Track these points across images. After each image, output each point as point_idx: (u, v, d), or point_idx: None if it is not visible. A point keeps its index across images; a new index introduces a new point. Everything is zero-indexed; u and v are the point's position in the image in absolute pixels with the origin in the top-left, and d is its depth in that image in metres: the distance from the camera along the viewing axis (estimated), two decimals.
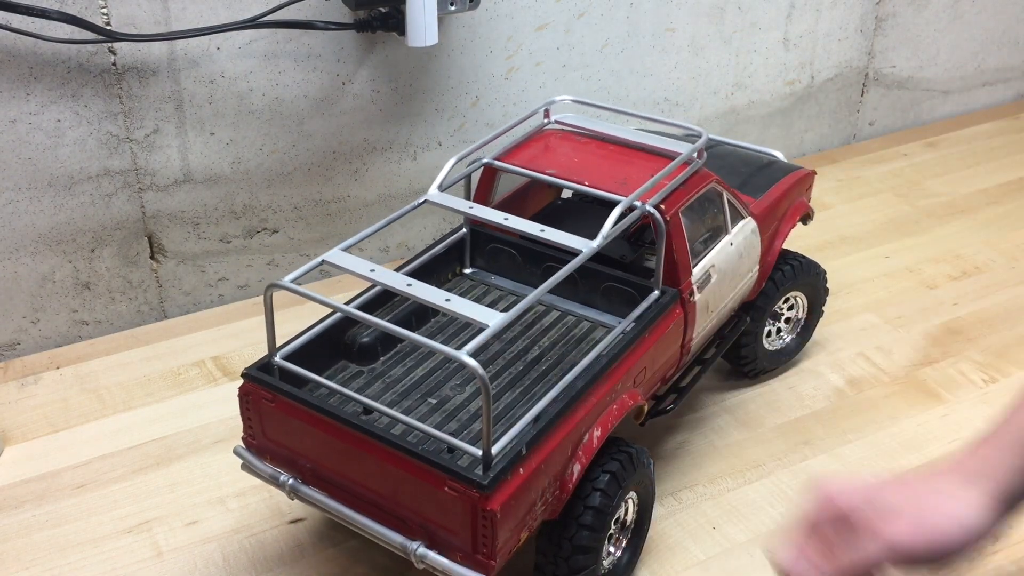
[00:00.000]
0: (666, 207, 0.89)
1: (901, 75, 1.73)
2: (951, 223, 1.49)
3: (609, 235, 0.83)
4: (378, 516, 0.78)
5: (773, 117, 1.63)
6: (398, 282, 0.78)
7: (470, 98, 1.34)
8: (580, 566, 0.80)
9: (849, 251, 1.42)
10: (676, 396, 0.98)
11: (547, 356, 0.91)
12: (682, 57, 1.48)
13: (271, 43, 1.18)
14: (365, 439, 0.76)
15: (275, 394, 0.80)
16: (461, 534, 0.73)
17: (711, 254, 0.97)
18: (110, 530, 0.96)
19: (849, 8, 1.60)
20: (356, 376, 0.89)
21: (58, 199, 1.15)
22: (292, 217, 1.30)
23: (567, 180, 0.92)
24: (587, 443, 0.80)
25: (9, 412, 1.11)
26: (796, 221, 1.12)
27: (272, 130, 1.23)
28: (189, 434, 1.08)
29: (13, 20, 1.03)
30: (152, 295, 1.26)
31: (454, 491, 0.72)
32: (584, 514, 0.80)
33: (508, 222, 0.86)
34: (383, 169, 1.33)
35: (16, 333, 1.20)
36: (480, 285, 1.01)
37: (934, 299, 1.31)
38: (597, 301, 0.96)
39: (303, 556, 0.93)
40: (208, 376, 1.17)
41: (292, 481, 0.82)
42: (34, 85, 1.08)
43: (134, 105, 1.14)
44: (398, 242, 1.40)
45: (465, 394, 0.86)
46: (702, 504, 0.99)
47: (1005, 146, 1.72)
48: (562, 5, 1.34)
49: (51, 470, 1.03)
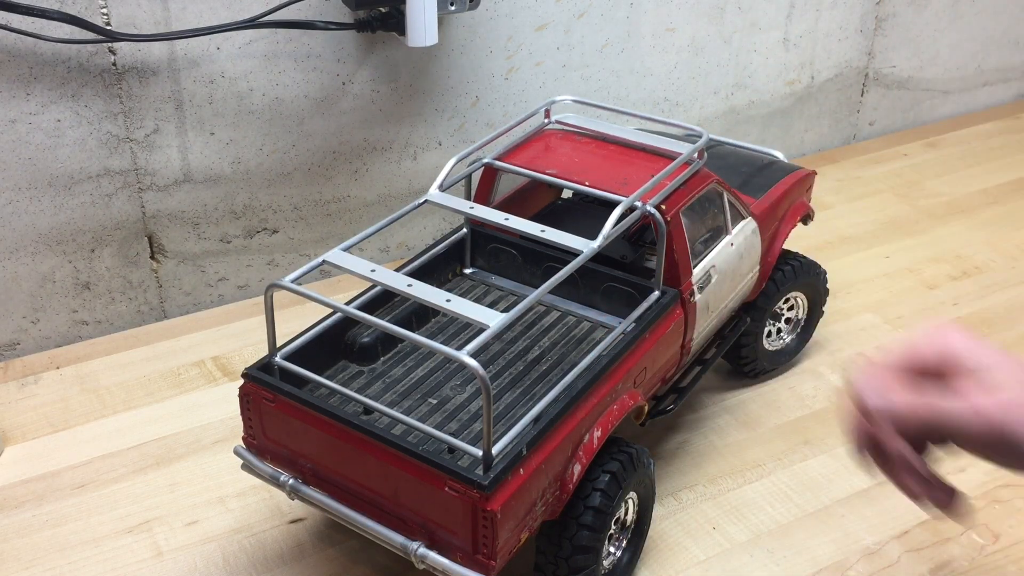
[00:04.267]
0: (667, 207, 0.89)
1: (901, 75, 1.73)
2: (951, 223, 1.49)
3: (610, 235, 0.83)
4: (378, 516, 0.78)
5: (773, 117, 1.63)
6: (399, 282, 0.78)
7: (470, 98, 1.34)
8: (580, 566, 0.80)
9: (849, 251, 1.42)
10: (676, 396, 0.98)
11: (547, 356, 0.91)
12: (682, 57, 1.48)
13: (271, 43, 1.18)
14: (365, 439, 0.76)
15: (276, 394, 0.80)
16: (461, 534, 0.73)
17: (712, 254, 0.97)
18: (110, 530, 0.96)
19: (849, 8, 1.60)
20: (356, 376, 0.89)
21: (58, 199, 1.15)
22: (292, 217, 1.30)
23: (568, 180, 0.92)
24: (587, 443, 0.80)
25: (9, 412, 1.11)
26: (796, 221, 1.12)
27: (272, 130, 1.23)
28: (189, 434, 1.08)
29: (13, 20, 1.03)
30: (152, 295, 1.26)
31: (455, 491, 0.72)
32: (584, 514, 0.80)
33: (509, 222, 0.86)
34: (383, 169, 1.33)
35: (16, 333, 1.20)
36: (480, 285, 1.01)
37: (934, 299, 1.31)
38: (597, 301, 0.96)
39: (303, 556, 0.93)
40: (208, 376, 1.17)
41: (292, 481, 0.82)
42: (34, 85, 1.08)
43: (134, 105, 1.14)
44: (398, 242, 1.40)
45: (465, 394, 0.86)
46: (702, 504, 0.99)
47: (1005, 146, 1.72)
48: (562, 5, 1.34)
49: (51, 470, 1.03)
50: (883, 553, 0.93)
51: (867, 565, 0.92)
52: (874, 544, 0.94)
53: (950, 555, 0.93)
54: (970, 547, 0.93)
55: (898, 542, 0.94)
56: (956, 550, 0.93)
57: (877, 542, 0.94)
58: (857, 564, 0.92)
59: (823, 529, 0.96)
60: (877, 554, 0.93)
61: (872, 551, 0.93)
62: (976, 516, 0.97)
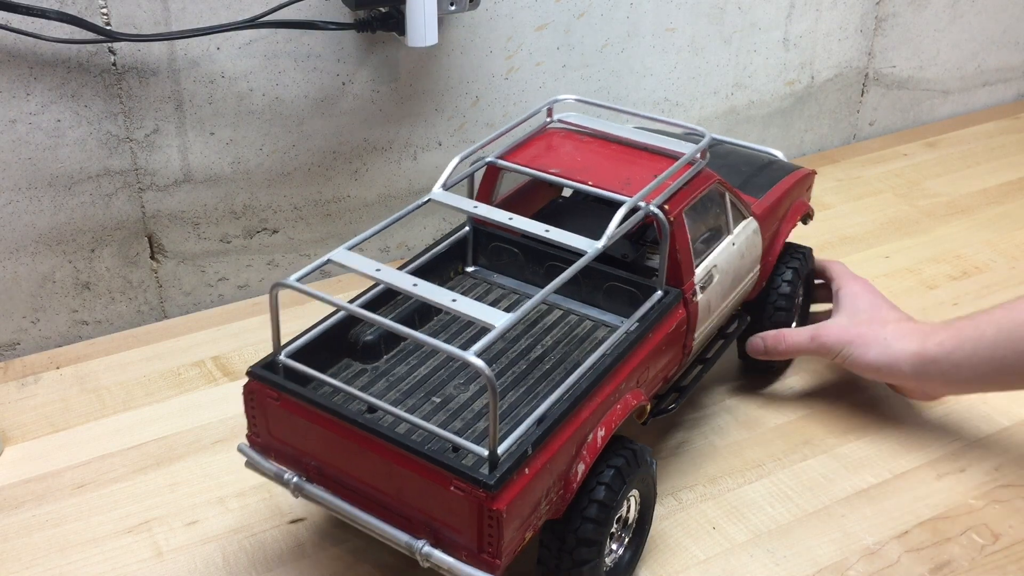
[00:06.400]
0: (670, 208, 0.90)
1: (901, 75, 1.74)
2: (951, 223, 1.49)
3: (614, 235, 0.83)
4: (383, 514, 0.78)
5: (773, 117, 1.63)
6: (404, 282, 0.78)
7: (470, 98, 1.34)
8: (584, 558, 0.80)
9: (849, 251, 1.42)
10: (678, 395, 0.98)
11: (550, 355, 0.91)
12: (682, 57, 1.48)
13: (271, 43, 1.18)
14: (370, 438, 0.76)
15: (280, 392, 0.80)
16: (467, 533, 0.73)
17: (713, 254, 0.97)
18: (110, 530, 0.96)
19: (849, 8, 1.60)
20: (360, 374, 0.89)
21: (58, 199, 1.15)
22: (292, 217, 1.30)
23: (571, 180, 0.92)
24: (591, 443, 0.80)
25: (9, 412, 1.10)
26: (797, 221, 1.13)
27: (272, 130, 1.23)
28: (189, 434, 1.07)
29: (13, 20, 1.03)
30: (152, 295, 1.26)
31: (460, 490, 0.72)
32: (588, 507, 0.80)
33: (513, 222, 0.86)
34: (383, 169, 1.33)
35: (16, 333, 1.20)
36: (483, 284, 1.01)
37: (934, 299, 1.31)
38: (600, 300, 0.96)
39: (304, 556, 0.93)
40: (208, 376, 1.16)
41: (297, 479, 0.82)
42: (34, 85, 1.08)
43: (134, 105, 1.14)
44: (399, 242, 1.40)
45: (469, 393, 0.86)
46: (702, 504, 0.99)
47: (1005, 146, 1.72)
48: (562, 5, 1.34)
49: (51, 470, 1.03)
50: (883, 553, 0.93)
51: (867, 565, 0.92)
52: (874, 544, 0.94)
53: (950, 555, 0.93)
54: (970, 547, 0.94)
55: (898, 542, 0.94)
56: (956, 550, 0.93)
57: (877, 542, 0.94)
58: (857, 564, 0.92)
59: (823, 529, 0.96)
60: (877, 554, 0.93)
61: (872, 551, 0.93)
62: (976, 516, 0.97)
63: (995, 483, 1.01)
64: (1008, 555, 0.93)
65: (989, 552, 0.93)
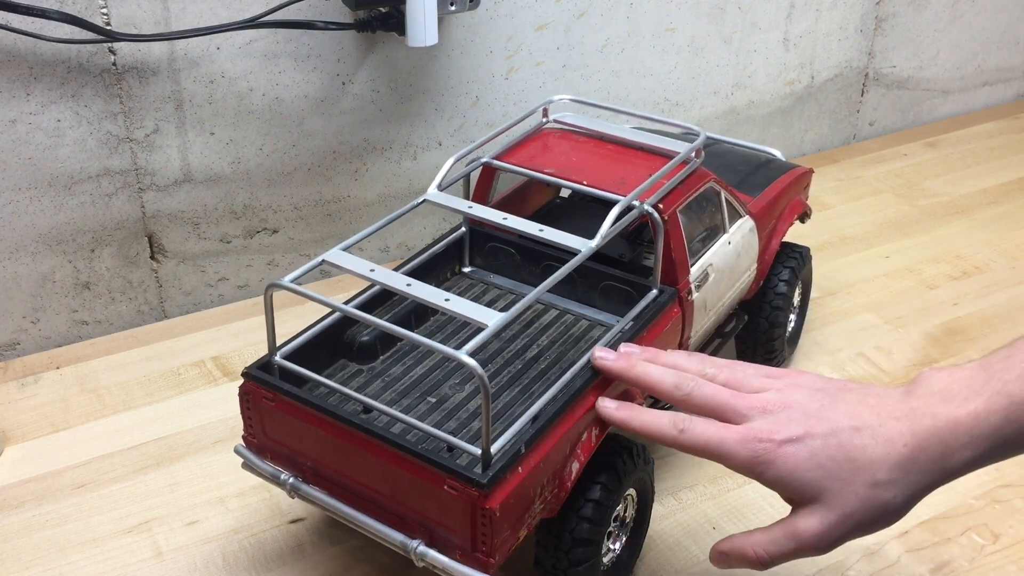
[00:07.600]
0: (664, 206, 0.90)
1: (901, 75, 1.73)
2: (951, 223, 1.49)
3: (607, 235, 0.84)
4: (378, 514, 0.78)
5: (773, 117, 1.63)
6: (398, 282, 0.78)
7: (470, 98, 1.34)
8: (580, 558, 0.80)
9: (849, 251, 1.42)
10: None
11: (545, 354, 0.91)
12: (682, 57, 1.48)
13: (271, 43, 1.18)
14: (365, 438, 0.76)
15: (275, 393, 0.80)
16: (460, 532, 0.73)
17: (709, 253, 0.97)
18: (110, 530, 0.96)
19: (849, 8, 1.60)
20: (355, 375, 0.89)
21: (58, 199, 1.15)
22: (292, 217, 1.30)
23: (566, 179, 0.92)
24: (586, 442, 0.80)
25: (9, 412, 1.11)
26: (794, 219, 1.12)
27: (272, 130, 1.23)
28: (189, 434, 1.08)
29: (13, 20, 1.04)
30: (152, 295, 1.27)
31: (454, 490, 0.72)
32: (584, 507, 0.80)
33: (507, 222, 0.86)
34: (383, 169, 1.33)
35: (16, 333, 1.20)
36: (479, 284, 1.01)
37: (934, 299, 1.31)
38: (595, 299, 0.96)
39: (303, 556, 0.93)
40: (208, 376, 1.17)
41: (293, 480, 0.82)
42: (34, 85, 1.08)
43: (134, 105, 1.14)
44: (398, 242, 1.40)
45: (464, 393, 0.86)
46: (702, 504, 0.99)
47: (1005, 146, 1.72)
48: (562, 5, 1.34)
49: (51, 470, 1.03)
50: (883, 553, 0.93)
51: (867, 565, 0.92)
52: (874, 544, 0.94)
53: (950, 555, 0.93)
54: (970, 547, 0.93)
55: (898, 542, 0.94)
56: (956, 550, 0.93)
57: (877, 542, 0.94)
58: (857, 564, 0.92)
59: None
60: (877, 554, 0.93)
61: (872, 551, 0.93)
62: (976, 516, 0.97)
63: (995, 483, 1.01)
64: (1008, 555, 0.93)
65: (989, 552, 0.93)
